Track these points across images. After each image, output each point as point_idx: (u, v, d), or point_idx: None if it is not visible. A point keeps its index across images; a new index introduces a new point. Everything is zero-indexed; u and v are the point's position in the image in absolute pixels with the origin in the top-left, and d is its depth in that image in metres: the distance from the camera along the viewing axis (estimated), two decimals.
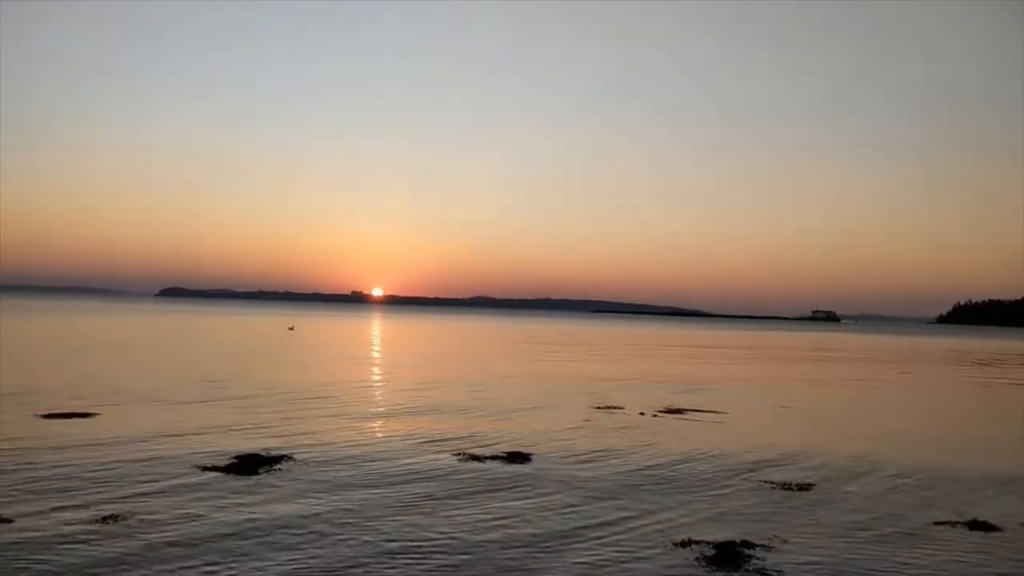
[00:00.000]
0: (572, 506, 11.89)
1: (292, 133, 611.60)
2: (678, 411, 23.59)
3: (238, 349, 47.43)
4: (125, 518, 10.32)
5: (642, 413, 22.75)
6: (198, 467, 13.45)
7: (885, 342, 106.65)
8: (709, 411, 23.85)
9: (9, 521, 9.99)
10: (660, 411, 23.38)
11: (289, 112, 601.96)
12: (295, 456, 14.56)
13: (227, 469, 13.35)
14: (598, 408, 23.56)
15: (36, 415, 18.38)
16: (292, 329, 76.86)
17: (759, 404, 26.79)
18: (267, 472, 13.33)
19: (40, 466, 13.15)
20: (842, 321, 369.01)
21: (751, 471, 15.00)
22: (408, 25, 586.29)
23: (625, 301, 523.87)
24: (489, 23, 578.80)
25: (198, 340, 55.47)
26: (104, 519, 10.22)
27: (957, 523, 11.67)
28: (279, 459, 14.24)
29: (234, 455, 14.34)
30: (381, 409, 22.25)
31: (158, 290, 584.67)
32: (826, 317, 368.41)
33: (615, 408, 23.67)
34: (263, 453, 14.62)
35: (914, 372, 48.43)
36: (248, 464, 13.72)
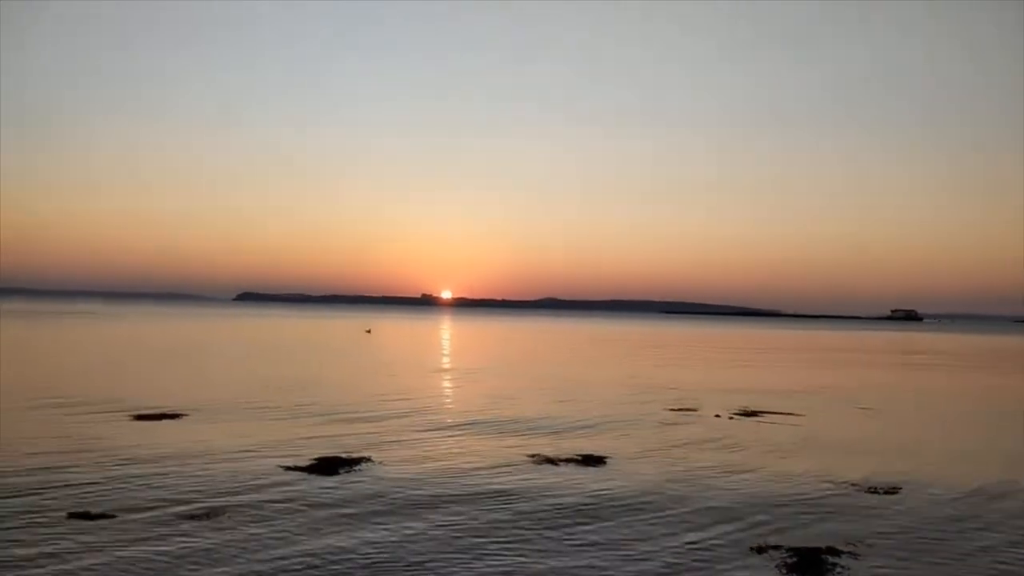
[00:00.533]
0: (645, 506, 11.85)
1: (364, 134, 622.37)
2: (754, 413, 23.18)
3: (319, 351, 48.66)
4: (217, 513, 10.75)
5: (718, 415, 22.44)
6: (281, 467, 13.87)
7: (969, 342, 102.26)
8: (786, 413, 23.35)
9: (111, 516, 10.53)
10: (737, 413, 23.02)
11: (359, 112, 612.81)
12: (373, 458, 14.87)
13: (308, 469, 13.73)
14: (673, 410, 23.33)
15: (128, 416, 19.25)
16: (369, 332, 79.51)
17: (837, 406, 26.05)
18: (347, 472, 13.65)
19: (134, 465, 13.79)
20: (925, 320, 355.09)
21: (830, 474, 14.64)
22: (479, 25, 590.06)
23: (697, 301, 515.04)
24: (557, 24, 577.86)
25: (280, 343, 57.02)
26: (198, 515, 10.67)
27: None
28: (358, 461, 14.56)
29: (315, 456, 14.73)
30: (458, 413, 22.51)
31: (235, 295, 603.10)
32: (906, 316, 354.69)
33: (691, 410, 23.40)
34: (343, 455, 14.97)
35: (1007, 376, 46.38)
36: (329, 465, 14.07)
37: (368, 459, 14.73)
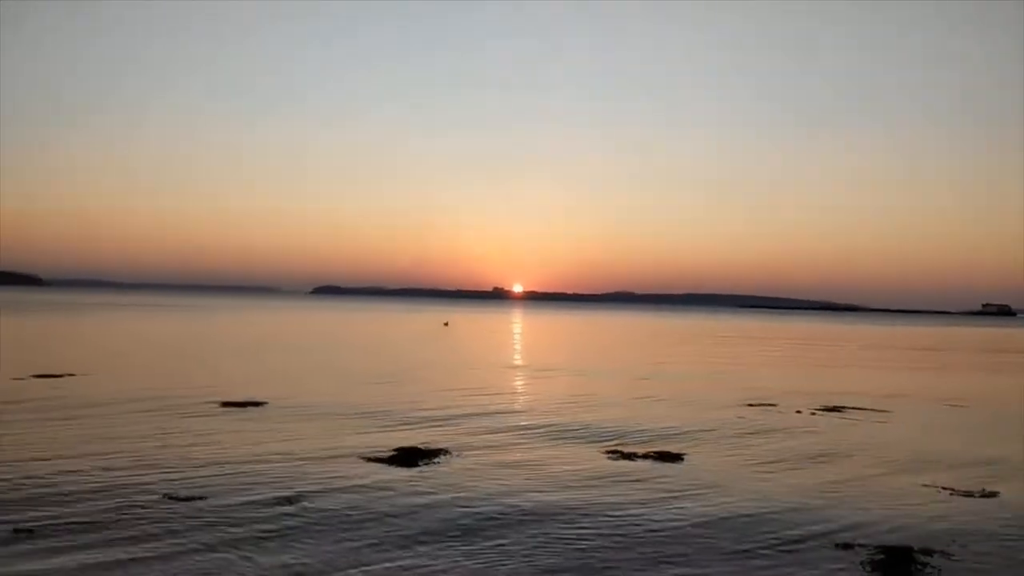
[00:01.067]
0: (726, 504, 11.65)
1: (437, 129, 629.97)
2: (837, 408, 22.51)
3: (399, 344, 49.49)
4: (298, 500, 11.04)
5: (799, 411, 21.87)
6: (362, 457, 14.14)
7: None
8: (872, 410, 22.60)
9: (202, 499, 10.94)
10: (819, 409, 22.40)
11: (432, 107, 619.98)
12: (451, 450, 15.01)
13: (389, 460, 13.95)
14: (752, 405, 22.86)
15: (216, 404, 19.97)
16: (447, 325, 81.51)
17: (928, 405, 25.04)
18: (426, 464, 13.82)
19: (222, 450, 14.29)
20: (1019, 315, 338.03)
21: (920, 473, 14.10)
22: (544, 18, 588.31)
23: (775, 295, 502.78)
24: (627, 16, 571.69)
25: (362, 336, 58.23)
26: (280, 500, 10.99)
27: None
28: (437, 452, 14.72)
29: (395, 447, 14.96)
30: (537, 408, 22.57)
31: (311, 288, 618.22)
32: (999, 311, 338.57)
33: (770, 405, 22.89)
34: (422, 447, 15.17)
35: None
36: (408, 456, 14.26)
37: (446, 451, 14.86)
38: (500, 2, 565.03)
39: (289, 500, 11.01)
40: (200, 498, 10.95)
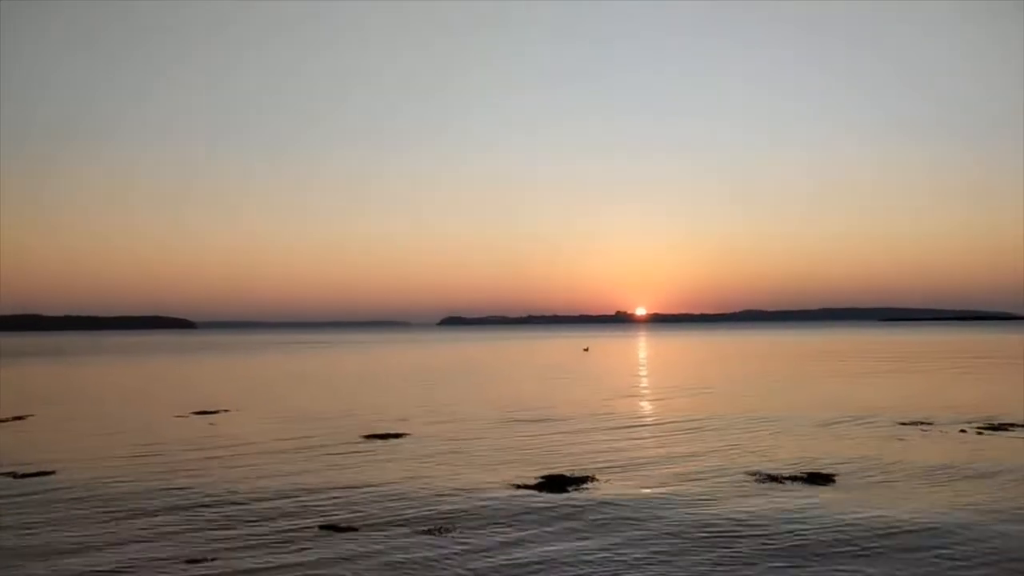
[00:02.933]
0: (882, 525, 10.93)
1: (555, 156, 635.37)
2: (1005, 427, 20.76)
3: (546, 369, 49.68)
4: (446, 530, 11.23)
5: (964, 431, 20.35)
6: (510, 484, 14.25)
7: None
8: None
9: (357, 529, 11.32)
10: (983, 427, 20.74)
11: (549, 134, 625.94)
12: (598, 477, 14.89)
13: (538, 487, 13.99)
14: (905, 424, 21.46)
15: (360, 435, 20.68)
16: (587, 350, 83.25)
17: None
18: (574, 490, 13.74)
19: (366, 481, 14.76)
20: None
21: None
22: (658, 45, 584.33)
23: (916, 307, 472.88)
24: (742, 39, 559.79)
25: (509, 364, 58.74)
26: (426, 531, 11.21)
27: None
28: (583, 479, 14.62)
29: (543, 475, 14.99)
30: (687, 439, 22.11)
31: (439, 319, 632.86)
32: None
33: (927, 424, 21.43)
34: (568, 474, 15.13)
35: None
36: (556, 484, 14.25)
37: (594, 478, 14.76)
38: (626, 39, 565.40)
39: (439, 529, 11.21)
40: (353, 528, 11.33)
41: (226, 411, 26.84)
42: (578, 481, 14.43)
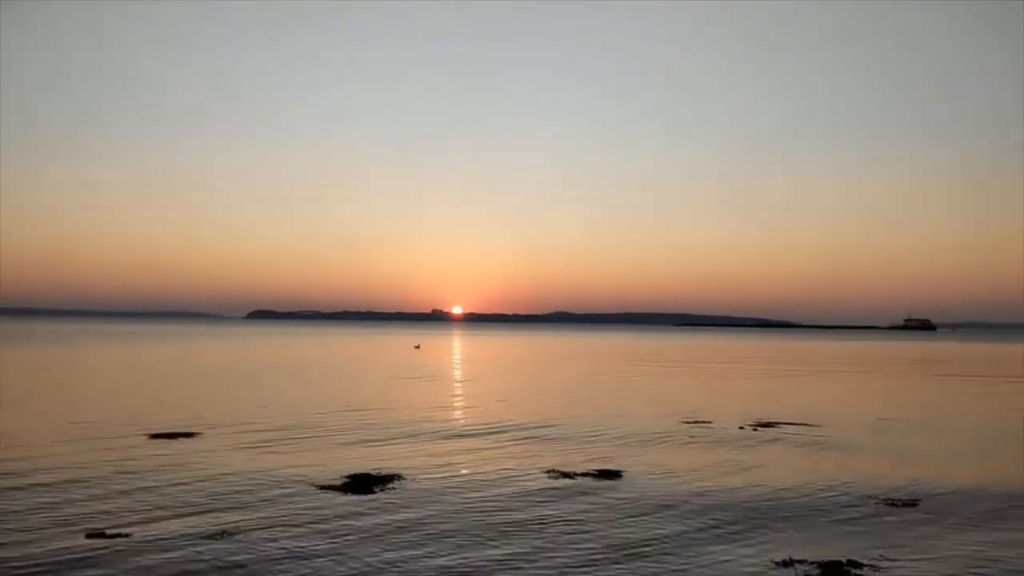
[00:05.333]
0: (661, 520, 11.77)
1: (369, 153, 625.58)
2: (772, 424, 23.02)
3: (383, 369, 48.36)
4: (233, 533, 10.72)
5: (741, 427, 22.32)
6: (313, 485, 13.83)
7: (984, 351, 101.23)
8: (804, 424, 23.17)
9: (127, 536, 10.53)
10: (754, 425, 22.88)
11: (364, 129, 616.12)
12: (405, 475, 14.79)
13: (342, 488, 13.66)
14: (689, 422, 23.20)
15: (146, 435, 19.29)
16: (418, 347, 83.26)
17: (856, 418, 25.79)
18: (381, 491, 13.54)
19: (151, 484, 13.81)
20: (938, 330, 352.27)
21: (852, 485, 14.51)
22: (492, 44, 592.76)
23: (710, 313, 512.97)
24: (572, 43, 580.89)
25: (336, 361, 56.76)
26: (214, 535, 10.65)
27: None
28: (390, 478, 14.46)
29: (347, 474, 14.67)
30: (480, 426, 22.48)
31: (246, 312, 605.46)
32: (920, 326, 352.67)
33: (707, 423, 23.27)
34: (374, 472, 14.90)
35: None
36: (361, 483, 13.98)
37: (400, 476, 14.66)
38: (424, 40, 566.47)
39: (224, 534, 10.68)
40: (125, 535, 10.54)
41: None
42: (384, 480, 14.28)
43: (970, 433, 22.82)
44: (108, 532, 10.62)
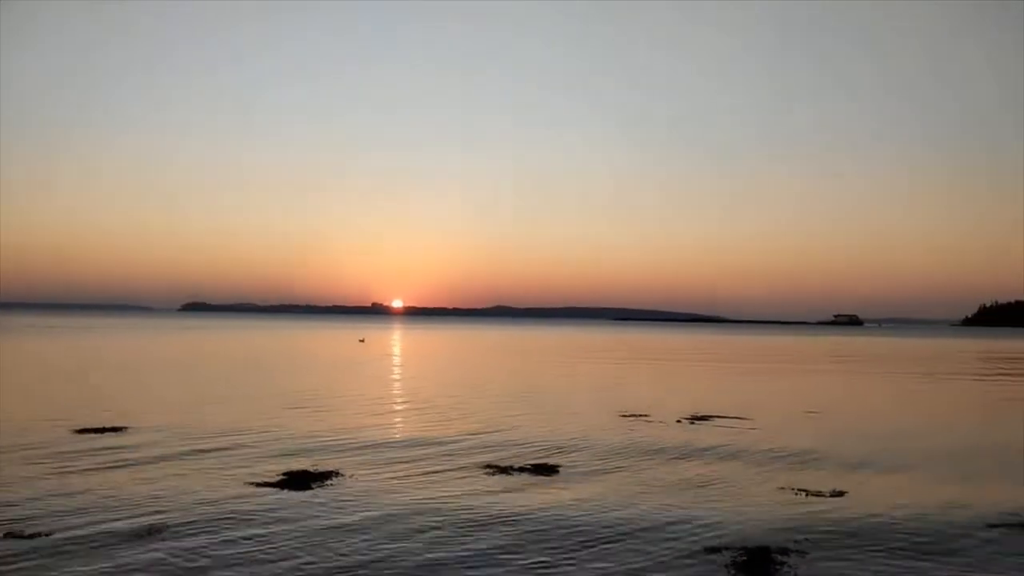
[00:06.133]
0: (601, 511, 11.91)
1: (307, 146, 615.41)
2: (706, 418, 23.48)
3: (336, 365, 47.25)
4: (161, 531, 10.45)
5: (679, 421, 22.71)
6: (249, 483, 13.51)
7: (905, 345, 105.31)
8: (736, 417, 23.71)
9: (48, 535, 10.15)
10: (689, 418, 23.29)
11: (304, 124, 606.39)
12: (344, 472, 14.59)
13: (278, 485, 13.38)
14: (627, 416, 23.50)
15: (71, 430, 18.62)
16: (363, 341, 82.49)
17: (784, 411, 26.54)
18: (319, 487, 13.32)
19: (76, 480, 13.34)
20: (865, 325, 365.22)
21: (778, 478, 14.91)
22: (427, 35, 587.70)
23: (646, 308, 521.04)
24: (506, 32, 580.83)
25: (279, 357, 55.61)
26: (141, 533, 10.35)
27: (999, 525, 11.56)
28: (328, 475, 14.25)
29: (284, 471, 14.37)
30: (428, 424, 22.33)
31: (180, 305, 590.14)
32: (849, 321, 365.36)
33: (644, 416, 23.59)
34: (312, 469, 14.65)
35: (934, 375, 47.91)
36: (299, 480, 13.71)
37: (338, 473, 14.44)
38: (373, 29, 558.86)
39: (150, 531, 10.39)
40: (46, 534, 10.16)
41: None
42: (322, 476, 14.07)
43: (893, 428, 23.72)
44: (27, 533, 10.23)
